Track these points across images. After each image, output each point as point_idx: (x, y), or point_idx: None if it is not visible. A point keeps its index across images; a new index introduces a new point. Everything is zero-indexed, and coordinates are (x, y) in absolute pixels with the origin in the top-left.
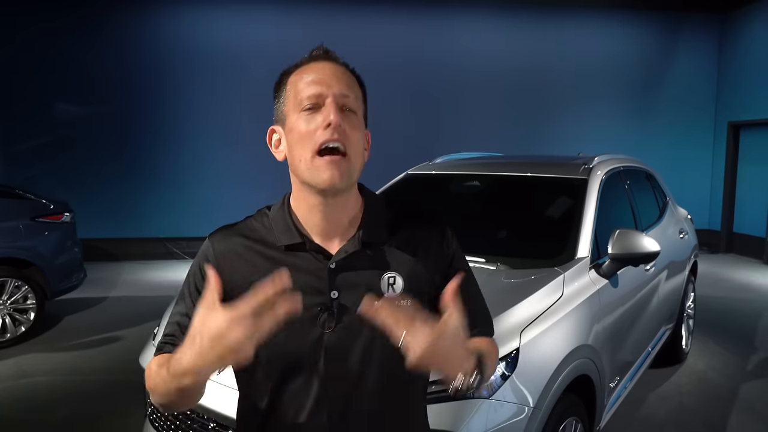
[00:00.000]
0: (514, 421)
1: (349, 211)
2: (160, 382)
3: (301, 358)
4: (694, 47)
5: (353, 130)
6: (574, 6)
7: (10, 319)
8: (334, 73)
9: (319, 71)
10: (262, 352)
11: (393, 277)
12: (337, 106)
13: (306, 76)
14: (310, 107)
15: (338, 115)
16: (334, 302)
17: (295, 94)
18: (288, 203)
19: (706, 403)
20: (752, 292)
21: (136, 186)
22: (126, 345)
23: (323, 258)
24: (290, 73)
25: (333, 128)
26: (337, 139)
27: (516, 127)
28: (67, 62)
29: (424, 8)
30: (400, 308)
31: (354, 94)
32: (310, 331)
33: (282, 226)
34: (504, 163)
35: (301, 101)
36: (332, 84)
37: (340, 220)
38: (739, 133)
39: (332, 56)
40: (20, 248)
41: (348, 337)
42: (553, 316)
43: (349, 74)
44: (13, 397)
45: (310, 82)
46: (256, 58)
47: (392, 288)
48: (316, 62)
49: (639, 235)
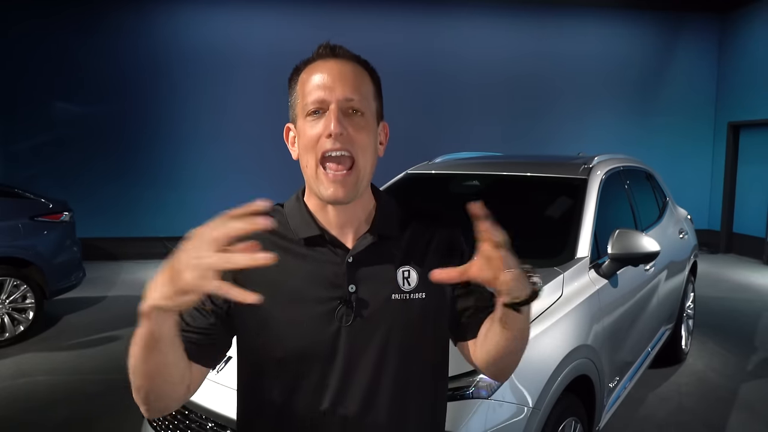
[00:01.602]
0: (513, 421)
1: (363, 208)
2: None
3: (318, 352)
4: (694, 47)
5: (359, 132)
6: (575, 6)
7: (8, 318)
8: (340, 73)
9: (324, 72)
10: (279, 347)
11: (408, 271)
12: (341, 112)
13: (312, 78)
14: (315, 112)
15: (339, 124)
16: (351, 296)
17: (302, 97)
18: (303, 197)
19: (705, 404)
20: (752, 293)
21: (135, 185)
22: (125, 344)
23: (341, 251)
24: (300, 70)
25: (334, 138)
26: (339, 147)
27: (516, 127)
28: (64, 61)
29: (425, 8)
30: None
31: (361, 93)
32: (328, 325)
33: (299, 220)
34: (504, 162)
35: (306, 106)
36: (336, 88)
37: (355, 215)
38: (738, 133)
39: (339, 53)
40: (19, 247)
41: (366, 330)
42: (553, 316)
43: (357, 71)
44: (12, 397)
45: (315, 87)
46: (252, 57)
47: (407, 282)
48: (323, 60)
49: (639, 235)
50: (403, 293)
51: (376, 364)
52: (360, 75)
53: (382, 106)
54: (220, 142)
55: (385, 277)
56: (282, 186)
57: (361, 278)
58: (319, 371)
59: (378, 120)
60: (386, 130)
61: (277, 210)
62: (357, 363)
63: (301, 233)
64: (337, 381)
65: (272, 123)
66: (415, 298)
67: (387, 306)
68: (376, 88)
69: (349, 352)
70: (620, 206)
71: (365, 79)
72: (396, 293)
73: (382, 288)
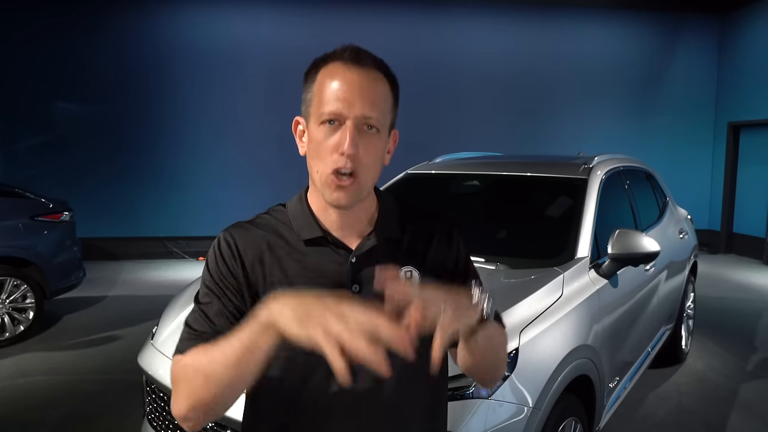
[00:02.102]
0: (513, 421)
1: (366, 210)
2: (216, 362)
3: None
4: (695, 47)
5: (368, 152)
6: (575, 6)
7: (8, 318)
8: (362, 86)
9: (345, 82)
10: (284, 348)
11: (410, 271)
12: (356, 129)
13: (331, 84)
14: (330, 122)
15: (353, 144)
16: (355, 296)
17: (318, 101)
18: (306, 198)
19: (705, 404)
20: (752, 293)
21: (136, 185)
22: (125, 344)
23: (344, 252)
24: (319, 67)
25: (346, 157)
26: (350, 166)
27: (516, 127)
28: (66, 60)
29: (425, 7)
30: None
31: (379, 109)
32: None
33: (302, 221)
34: (504, 162)
35: (322, 114)
36: (355, 103)
37: (357, 218)
38: (739, 134)
39: (364, 60)
40: (19, 247)
41: None
42: (553, 316)
43: (379, 82)
44: (12, 397)
45: (333, 96)
46: (255, 57)
47: (410, 282)
48: (346, 66)
49: (639, 235)
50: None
51: None
52: (381, 87)
53: (396, 115)
54: (222, 143)
55: None
56: (282, 186)
57: (365, 278)
58: (324, 373)
59: (390, 131)
60: (396, 138)
61: (280, 210)
62: (361, 365)
63: (304, 234)
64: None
65: (275, 124)
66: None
67: None
68: (394, 97)
69: None
70: (620, 206)
71: (386, 90)
72: None
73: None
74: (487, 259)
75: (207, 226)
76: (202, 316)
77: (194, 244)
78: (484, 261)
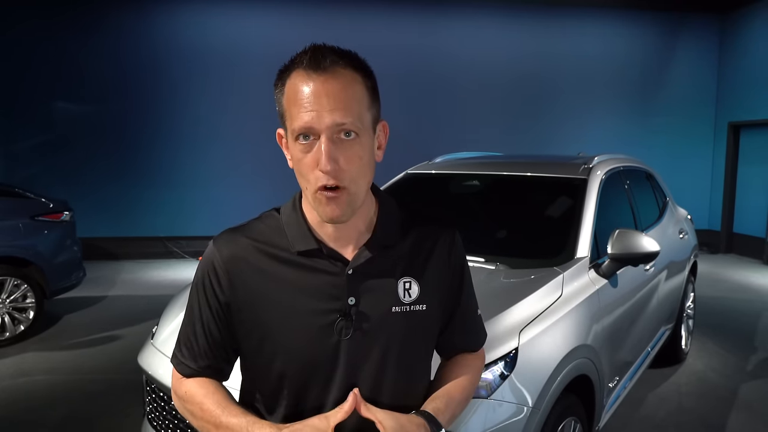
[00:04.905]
0: (512, 421)
1: (363, 218)
2: (204, 420)
3: (318, 366)
4: (695, 47)
5: (351, 161)
6: (575, 6)
7: (9, 318)
8: (327, 92)
9: (310, 91)
10: (280, 360)
11: (409, 282)
12: (331, 141)
13: (297, 94)
14: (304, 136)
15: (330, 159)
16: (351, 308)
17: (289, 114)
18: (299, 206)
19: (705, 404)
20: (752, 293)
21: (136, 184)
22: (125, 344)
23: (340, 264)
24: (284, 78)
25: (326, 174)
26: (333, 183)
27: (516, 127)
28: (64, 61)
29: (425, 7)
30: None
31: (353, 113)
32: (327, 338)
33: (296, 231)
34: (504, 162)
35: (294, 131)
36: (323, 113)
37: (355, 228)
38: (739, 134)
39: (324, 62)
40: (19, 247)
41: (365, 343)
42: (553, 315)
43: (347, 83)
44: (12, 397)
45: (302, 108)
46: (252, 57)
47: (408, 293)
48: (307, 74)
49: (638, 235)
50: (403, 305)
51: (376, 377)
52: (351, 87)
53: (379, 107)
54: (220, 142)
55: (385, 289)
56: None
57: (362, 290)
58: (320, 384)
59: (374, 127)
60: (386, 130)
61: (273, 216)
62: (357, 376)
63: (298, 246)
64: (337, 393)
65: (272, 123)
66: (415, 310)
67: (387, 319)
68: (370, 94)
69: (348, 366)
70: (620, 206)
71: (357, 89)
72: (396, 306)
73: (383, 300)
74: (487, 259)
75: (207, 226)
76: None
77: (194, 243)
78: (484, 261)
